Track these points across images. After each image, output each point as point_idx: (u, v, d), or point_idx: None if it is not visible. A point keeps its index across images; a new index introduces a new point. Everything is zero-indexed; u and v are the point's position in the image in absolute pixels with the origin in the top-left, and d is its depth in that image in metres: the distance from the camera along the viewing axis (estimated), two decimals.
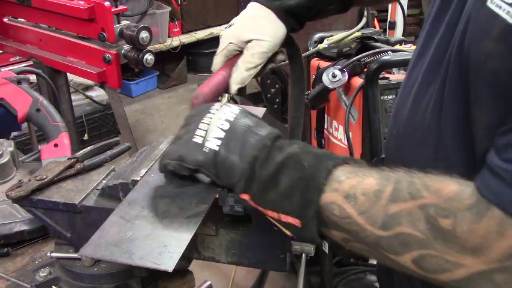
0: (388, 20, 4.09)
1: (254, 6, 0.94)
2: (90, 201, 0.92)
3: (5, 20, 2.43)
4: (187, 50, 5.18)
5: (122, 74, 2.12)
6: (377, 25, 2.75)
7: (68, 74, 2.33)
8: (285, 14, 0.92)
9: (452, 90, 0.70)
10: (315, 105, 2.12)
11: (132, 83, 5.13)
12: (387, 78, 1.91)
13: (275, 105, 3.66)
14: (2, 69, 1.70)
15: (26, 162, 1.38)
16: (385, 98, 1.88)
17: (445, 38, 0.73)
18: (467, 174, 0.62)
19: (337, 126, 2.16)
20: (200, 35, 5.09)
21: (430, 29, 0.81)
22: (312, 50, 2.20)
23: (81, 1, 2.07)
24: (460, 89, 0.68)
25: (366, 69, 1.91)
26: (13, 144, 1.28)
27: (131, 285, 0.92)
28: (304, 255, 0.87)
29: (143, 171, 0.87)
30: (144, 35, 1.98)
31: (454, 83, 0.69)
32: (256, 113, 1.14)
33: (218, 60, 0.95)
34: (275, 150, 0.72)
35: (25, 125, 2.14)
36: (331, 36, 2.19)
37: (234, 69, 0.91)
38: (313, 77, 2.17)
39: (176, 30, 4.95)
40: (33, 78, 1.97)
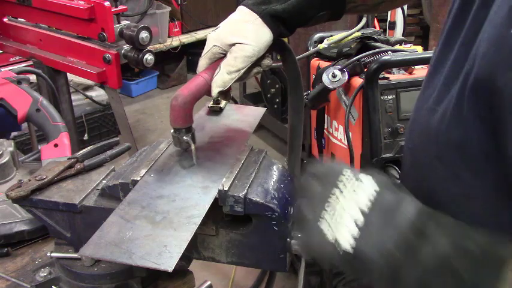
0: (388, 20, 4.08)
1: (242, 10, 0.94)
2: (90, 201, 0.92)
3: (5, 20, 2.43)
4: (187, 50, 5.18)
5: (122, 74, 2.12)
6: (377, 25, 2.75)
7: (68, 74, 2.33)
8: (271, 19, 0.91)
9: (471, 110, 0.67)
10: (315, 105, 2.12)
11: (132, 83, 5.13)
12: (387, 78, 1.91)
13: (275, 105, 3.67)
14: (2, 69, 1.70)
15: (26, 162, 1.38)
16: (385, 98, 1.88)
17: (460, 57, 0.72)
18: (487, 197, 0.58)
19: (337, 126, 2.16)
20: (200, 35, 5.10)
21: (444, 45, 0.79)
22: (312, 50, 2.20)
23: (81, 1, 2.07)
24: (481, 110, 0.66)
25: (366, 69, 1.92)
26: (13, 144, 1.28)
27: (131, 285, 0.92)
28: (304, 256, 0.87)
29: (143, 171, 0.87)
30: (144, 35, 1.98)
31: (472, 105, 0.67)
32: (256, 113, 1.15)
33: (202, 62, 0.94)
34: (423, 245, 0.61)
35: (25, 125, 2.14)
36: (331, 36, 2.19)
37: (216, 72, 0.90)
38: (313, 77, 2.17)
39: (176, 30, 4.95)
40: (33, 78, 1.97)
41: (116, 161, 1.06)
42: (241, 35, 0.90)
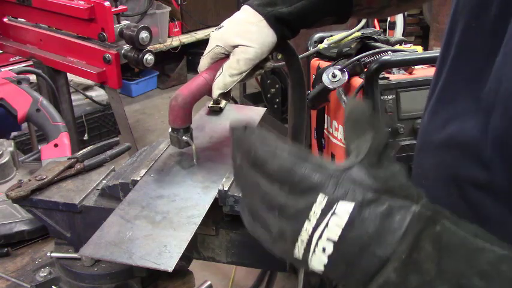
0: (388, 20, 4.08)
1: (247, 10, 0.92)
2: (90, 201, 0.92)
3: (5, 20, 2.43)
4: (187, 50, 5.18)
5: (122, 74, 2.12)
6: (377, 25, 2.75)
7: (68, 74, 2.33)
8: (276, 22, 0.90)
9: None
10: (315, 105, 2.12)
11: (132, 83, 5.13)
12: (387, 78, 1.91)
13: (275, 105, 3.67)
14: (2, 69, 1.70)
15: (26, 162, 1.38)
16: (385, 98, 1.88)
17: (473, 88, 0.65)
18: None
19: (337, 126, 2.16)
20: (200, 35, 5.10)
21: (450, 76, 0.72)
22: (312, 50, 2.20)
23: (81, 1, 2.07)
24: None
25: (366, 69, 1.92)
26: (13, 144, 1.28)
27: (131, 285, 0.92)
28: None
29: (143, 171, 0.87)
30: (144, 35, 1.98)
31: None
32: (256, 113, 1.15)
33: (204, 61, 0.93)
34: (409, 278, 0.49)
35: (25, 125, 2.14)
36: (331, 36, 2.19)
37: (218, 73, 0.90)
38: (313, 77, 2.17)
39: (176, 30, 4.95)
40: (33, 78, 1.97)
41: (116, 161, 1.06)
42: (245, 37, 0.89)
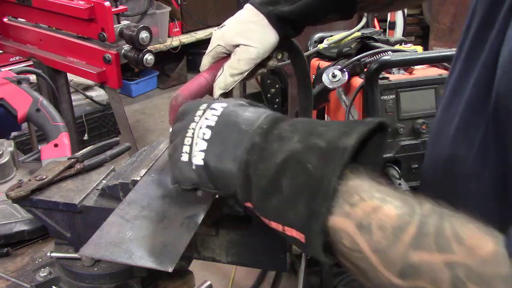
0: (388, 20, 4.08)
1: (249, 8, 0.92)
2: (90, 201, 0.92)
3: (5, 20, 2.43)
4: (187, 50, 5.18)
5: (122, 74, 2.12)
6: (377, 25, 2.75)
7: (68, 74, 2.33)
8: (277, 21, 0.89)
9: (495, 135, 0.66)
10: (315, 105, 2.12)
11: (132, 83, 5.13)
12: (387, 78, 1.91)
13: (275, 105, 3.67)
14: (2, 69, 1.70)
15: (26, 162, 1.38)
16: (385, 98, 1.87)
17: (482, 79, 0.70)
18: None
19: None
20: (200, 35, 5.10)
21: (464, 66, 0.77)
22: (312, 50, 2.20)
23: (81, 1, 2.07)
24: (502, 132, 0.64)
25: (366, 69, 1.91)
26: (13, 144, 1.28)
27: (131, 285, 0.92)
28: (304, 255, 0.86)
29: (143, 171, 0.87)
30: (144, 35, 1.98)
31: (497, 128, 0.65)
32: None
33: (205, 61, 0.93)
34: (271, 144, 0.63)
35: (25, 125, 2.14)
36: (331, 36, 2.19)
37: (219, 73, 0.89)
38: (313, 77, 2.17)
39: (176, 30, 4.95)
40: (33, 78, 1.97)
41: (116, 161, 1.06)
42: (246, 36, 0.88)
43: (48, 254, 0.96)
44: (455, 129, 0.76)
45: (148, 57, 2.04)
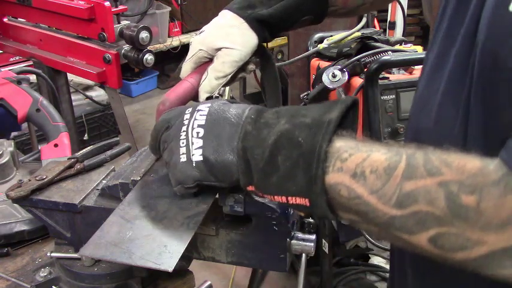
0: (388, 20, 4.09)
1: (226, 14, 0.95)
2: (90, 201, 0.92)
3: (5, 20, 2.42)
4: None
5: (122, 74, 2.11)
6: (377, 25, 2.75)
7: (68, 74, 2.33)
8: (257, 24, 0.92)
9: (478, 101, 0.68)
10: None
11: (132, 83, 5.13)
12: (387, 78, 1.91)
13: None
14: (2, 69, 1.70)
15: (26, 162, 1.38)
16: (385, 98, 1.87)
17: (463, 50, 0.72)
18: None
19: None
20: None
21: (443, 42, 0.79)
22: (312, 50, 2.19)
23: (81, 1, 2.07)
24: (485, 97, 0.66)
25: (366, 69, 1.91)
26: (13, 144, 1.28)
27: (131, 285, 0.92)
28: (304, 255, 0.87)
29: (143, 171, 0.87)
30: (144, 35, 1.98)
31: (480, 94, 0.67)
32: None
33: (187, 67, 0.95)
34: (262, 131, 0.69)
35: (25, 125, 2.14)
36: (331, 36, 2.19)
37: (204, 76, 0.91)
38: (313, 77, 2.17)
39: (176, 30, 4.95)
40: (33, 78, 1.97)
41: (116, 161, 1.06)
42: (228, 40, 0.91)
43: (48, 254, 0.96)
44: (441, 97, 0.78)
45: (148, 57, 2.04)
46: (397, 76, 1.95)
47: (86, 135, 3.83)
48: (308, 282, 2.57)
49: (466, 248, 0.58)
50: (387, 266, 2.55)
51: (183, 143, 0.73)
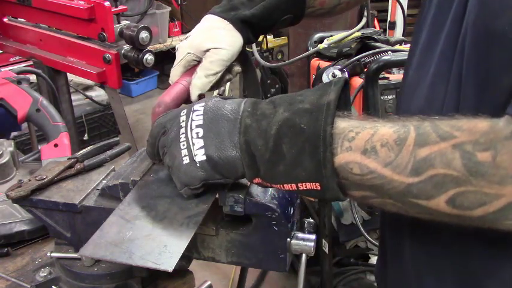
0: (388, 20, 4.09)
1: (209, 18, 0.98)
2: (90, 201, 0.92)
3: (5, 20, 2.42)
4: None
5: (122, 74, 2.11)
6: (377, 25, 2.75)
7: (68, 74, 2.33)
8: (241, 24, 0.94)
9: (470, 74, 0.70)
10: None
11: (132, 83, 5.13)
12: (387, 78, 1.91)
13: None
14: (2, 69, 1.70)
15: (26, 162, 1.38)
16: (385, 98, 1.87)
17: (453, 32, 0.74)
18: None
19: None
20: None
21: (432, 28, 0.81)
22: (312, 50, 2.19)
23: (81, 1, 2.07)
24: (479, 71, 0.68)
25: (366, 69, 1.91)
26: (13, 144, 1.28)
27: (131, 285, 0.92)
28: (304, 255, 0.87)
29: (143, 171, 0.87)
30: (144, 35, 1.98)
31: (472, 67, 0.69)
32: None
33: (176, 71, 0.96)
34: (261, 122, 0.69)
35: (25, 125, 2.14)
36: (331, 36, 2.19)
37: (194, 76, 0.93)
38: (313, 77, 2.17)
39: (176, 30, 4.95)
40: (33, 78, 1.97)
41: (116, 161, 1.06)
42: (215, 40, 0.93)
43: (48, 254, 0.96)
44: (431, 78, 0.79)
45: (149, 57, 2.03)
46: (397, 76, 1.95)
47: (86, 135, 3.83)
48: (308, 282, 2.57)
49: (485, 204, 0.59)
50: None
51: (184, 145, 0.73)
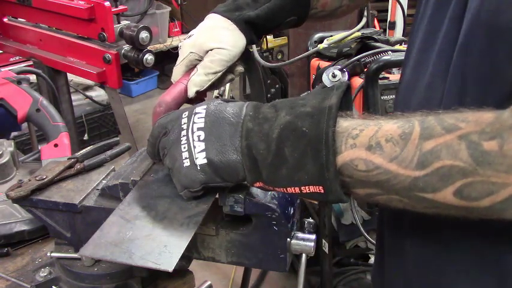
0: (388, 20, 4.08)
1: (213, 17, 0.97)
2: (90, 201, 0.92)
3: (5, 20, 2.42)
4: None
5: (122, 74, 2.11)
6: (377, 25, 2.75)
7: (68, 74, 2.33)
8: (245, 26, 0.94)
9: (471, 71, 0.69)
10: None
11: (132, 83, 5.13)
12: (387, 78, 1.90)
13: None
14: (2, 69, 1.70)
15: (26, 162, 1.38)
16: (385, 98, 1.87)
17: (452, 29, 0.74)
18: None
19: None
20: None
21: (429, 27, 0.81)
22: (312, 50, 2.19)
23: (81, 1, 2.07)
24: (481, 66, 0.68)
25: (366, 69, 1.91)
26: (13, 144, 1.28)
27: (131, 285, 0.92)
28: (304, 255, 0.87)
29: (143, 171, 0.87)
30: (144, 35, 1.98)
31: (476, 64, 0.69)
32: None
33: (179, 70, 0.96)
34: (263, 126, 0.69)
35: (25, 125, 2.14)
36: (331, 36, 2.19)
37: (193, 73, 0.92)
38: (313, 77, 2.17)
39: (176, 30, 4.95)
40: (33, 78, 1.97)
41: (116, 161, 1.06)
42: (218, 40, 0.92)
43: (48, 254, 0.96)
44: (429, 77, 0.79)
45: (149, 57, 2.03)
46: (397, 76, 1.95)
47: (86, 135, 3.83)
48: (308, 282, 2.57)
49: (492, 193, 0.59)
50: None
51: (185, 148, 0.73)
